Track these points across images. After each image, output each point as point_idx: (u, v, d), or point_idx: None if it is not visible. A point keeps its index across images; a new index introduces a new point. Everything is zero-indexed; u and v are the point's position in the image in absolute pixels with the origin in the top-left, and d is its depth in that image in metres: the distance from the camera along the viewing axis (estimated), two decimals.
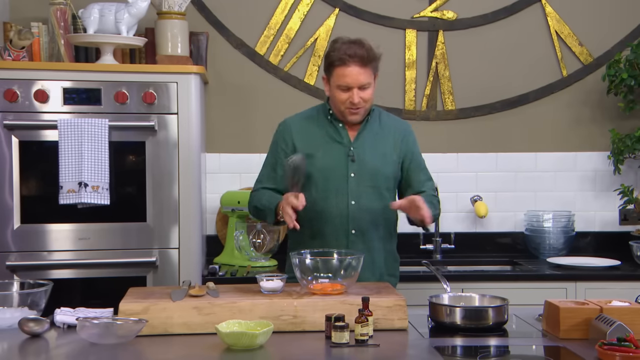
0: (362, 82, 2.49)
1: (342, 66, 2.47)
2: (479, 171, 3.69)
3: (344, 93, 2.50)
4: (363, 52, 2.47)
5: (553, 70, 3.70)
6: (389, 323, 2.15)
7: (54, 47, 3.18)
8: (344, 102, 2.52)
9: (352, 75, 2.47)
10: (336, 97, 2.53)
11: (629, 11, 3.69)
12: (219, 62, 3.60)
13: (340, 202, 2.55)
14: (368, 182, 2.57)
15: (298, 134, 2.61)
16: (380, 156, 2.60)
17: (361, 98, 2.50)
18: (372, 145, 2.60)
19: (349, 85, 2.48)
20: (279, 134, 2.66)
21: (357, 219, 2.55)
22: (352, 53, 2.46)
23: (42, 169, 2.99)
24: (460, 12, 3.67)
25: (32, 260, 2.98)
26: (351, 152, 2.57)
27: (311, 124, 2.63)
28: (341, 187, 2.55)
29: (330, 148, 2.58)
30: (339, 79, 2.49)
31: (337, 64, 2.48)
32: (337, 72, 2.49)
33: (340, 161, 2.57)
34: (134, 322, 2.03)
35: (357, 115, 2.56)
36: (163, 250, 3.04)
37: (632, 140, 3.47)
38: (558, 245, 3.52)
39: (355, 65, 2.46)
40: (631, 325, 1.96)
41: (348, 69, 2.47)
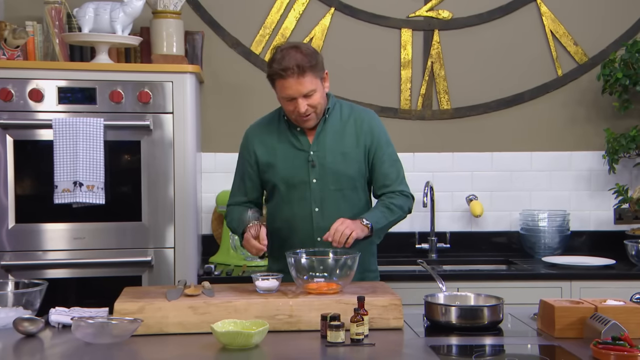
0: (303, 92, 2.41)
1: (280, 79, 2.41)
2: (475, 170, 3.70)
3: (290, 104, 2.44)
4: (298, 61, 2.38)
5: (548, 69, 3.71)
6: (384, 322, 2.15)
7: (48, 46, 3.18)
8: (292, 112, 2.46)
9: (291, 87, 2.40)
10: (285, 108, 2.49)
11: (623, 11, 3.70)
12: (215, 62, 3.59)
13: (304, 209, 2.51)
14: (331, 185, 2.50)
15: (259, 143, 2.58)
16: (341, 156, 2.51)
17: (308, 105, 2.43)
18: (332, 146, 2.52)
19: (291, 96, 2.42)
20: (243, 145, 2.64)
21: (322, 226, 2.47)
22: (285, 66, 2.38)
23: (37, 169, 2.99)
24: (455, 12, 3.68)
25: (27, 259, 2.97)
26: (311, 157, 2.51)
27: (270, 131, 2.58)
28: (304, 195, 2.51)
29: (290, 155, 2.53)
30: (280, 91, 2.44)
31: (275, 78, 2.43)
32: (277, 85, 2.44)
33: (300, 168, 2.51)
34: (129, 322, 2.03)
35: (309, 122, 2.48)
36: (158, 250, 3.04)
37: (626, 140, 3.48)
38: (553, 244, 3.52)
39: (293, 76, 2.38)
40: (626, 324, 1.96)
41: (286, 82, 2.40)
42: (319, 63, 2.46)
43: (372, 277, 2.64)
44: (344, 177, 2.52)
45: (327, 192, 2.51)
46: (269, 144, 2.57)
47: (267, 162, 2.55)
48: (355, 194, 2.55)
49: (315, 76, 2.44)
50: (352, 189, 2.55)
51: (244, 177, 2.63)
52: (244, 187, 2.63)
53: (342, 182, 2.52)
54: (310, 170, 2.51)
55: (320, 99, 2.47)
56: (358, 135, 2.55)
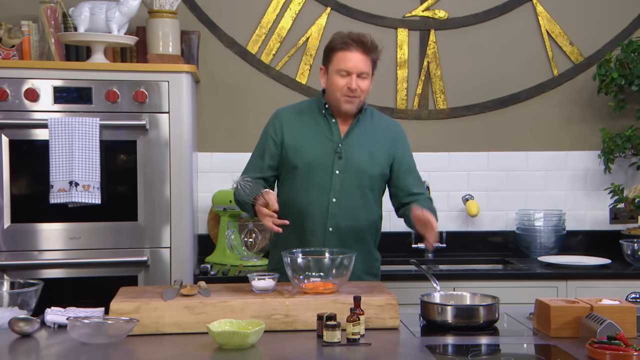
0: (362, 70, 2.49)
1: (345, 50, 2.48)
2: (471, 170, 3.70)
3: (343, 79, 2.49)
4: (366, 40, 2.49)
5: (544, 69, 3.71)
6: (380, 322, 2.15)
7: (44, 45, 3.17)
8: (342, 88, 2.50)
9: (353, 60, 2.47)
10: (334, 83, 2.51)
11: (619, 11, 3.71)
12: (211, 61, 3.59)
13: (322, 198, 2.54)
14: (353, 180, 2.55)
15: (288, 125, 2.61)
16: (368, 155, 2.58)
17: (359, 86, 2.49)
18: (362, 144, 2.58)
19: (349, 70, 2.48)
20: (270, 123, 2.66)
21: (336, 216, 2.54)
22: (355, 39, 2.48)
23: (33, 168, 2.98)
24: (451, 12, 3.68)
25: (23, 259, 2.97)
26: (339, 149, 2.56)
27: (303, 116, 2.62)
28: (324, 183, 2.54)
29: (319, 142, 2.57)
30: (339, 62, 2.49)
31: (339, 47, 2.49)
32: (338, 56, 2.49)
33: (326, 156, 2.56)
34: (125, 322, 2.02)
35: (351, 105, 2.53)
36: (154, 250, 3.03)
37: (622, 140, 3.49)
38: (549, 244, 3.53)
39: (358, 51, 2.48)
40: (621, 323, 1.97)
41: (350, 54, 2.47)
42: (378, 57, 2.56)
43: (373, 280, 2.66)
44: (366, 175, 2.57)
45: (348, 186, 2.55)
46: (299, 128, 2.60)
47: (294, 144, 2.57)
48: (371, 194, 2.60)
49: (371, 65, 2.54)
50: (371, 188, 2.59)
51: (263, 154, 2.61)
52: (261, 163, 2.61)
53: (363, 179, 2.56)
54: (336, 161, 2.55)
55: (368, 88, 2.55)
56: (386, 141, 2.62)
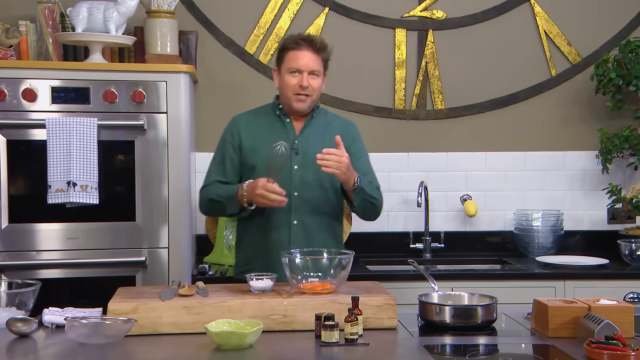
0: (313, 68, 2.57)
1: (295, 49, 2.57)
2: (469, 170, 3.70)
3: (294, 77, 2.57)
4: (316, 40, 2.60)
5: (542, 69, 3.72)
6: (378, 322, 2.15)
7: (42, 45, 3.17)
8: (294, 86, 2.58)
9: (303, 59, 2.56)
10: (286, 82, 2.59)
11: (617, 11, 3.71)
12: (209, 61, 3.59)
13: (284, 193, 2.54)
14: (311, 174, 2.59)
15: (245, 128, 2.67)
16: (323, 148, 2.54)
17: (310, 85, 2.57)
18: (317, 140, 2.63)
19: (300, 68, 2.56)
20: (227, 129, 2.73)
21: (300, 210, 2.59)
22: (305, 39, 2.59)
23: (30, 168, 2.98)
24: (449, 12, 3.68)
25: (20, 260, 2.96)
26: (295, 145, 2.61)
27: (259, 118, 2.70)
28: (285, 179, 2.56)
29: (275, 141, 2.55)
30: (290, 62, 2.57)
31: (290, 47, 2.58)
32: (289, 55, 2.58)
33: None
34: (122, 322, 2.02)
35: (303, 103, 2.60)
36: (152, 250, 3.03)
37: (620, 140, 3.49)
38: (547, 244, 3.53)
39: (307, 49, 2.57)
40: (619, 323, 1.97)
41: (300, 53, 2.57)
42: (328, 56, 2.65)
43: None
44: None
45: (307, 180, 2.60)
46: (256, 128, 2.67)
47: (251, 145, 2.64)
48: (331, 186, 2.64)
49: (323, 64, 2.63)
50: (329, 181, 2.63)
51: (224, 160, 2.68)
52: (223, 168, 2.67)
53: (321, 173, 2.55)
54: (294, 157, 2.60)
55: (320, 87, 2.64)
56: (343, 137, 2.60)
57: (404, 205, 3.66)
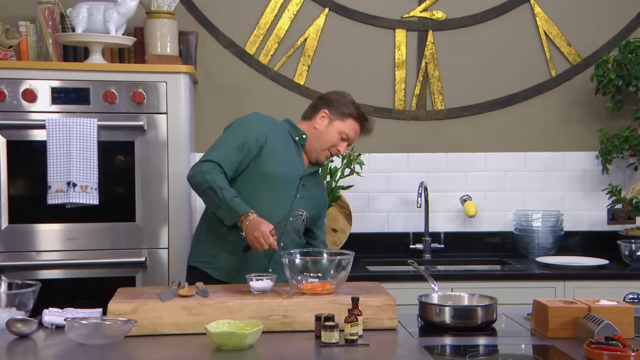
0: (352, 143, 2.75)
1: (358, 123, 2.68)
2: (469, 171, 3.70)
3: (341, 142, 2.67)
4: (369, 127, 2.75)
5: (542, 70, 3.72)
6: (378, 322, 2.15)
7: (42, 46, 3.17)
8: (332, 147, 2.67)
9: (356, 136, 2.70)
10: (329, 139, 2.66)
11: (617, 12, 3.71)
12: (209, 62, 3.59)
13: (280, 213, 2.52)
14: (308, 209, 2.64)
15: (273, 132, 2.61)
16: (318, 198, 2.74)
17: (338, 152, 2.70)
18: (315, 186, 2.73)
19: (350, 140, 2.69)
20: (256, 121, 2.61)
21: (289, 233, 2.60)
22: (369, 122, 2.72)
23: (30, 169, 2.98)
24: (449, 12, 3.68)
25: (20, 260, 2.96)
26: (303, 178, 2.66)
27: (280, 133, 2.65)
28: (287, 200, 2.59)
29: (292, 163, 2.64)
30: (348, 130, 2.66)
31: (354, 118, 2.67)
32: (350, 123, 2.67)
33: (294, 179, 2.63)
34: (122, 323, 2.02)
35: (325, 160, 2.73)
36: (152, 250, 3.03)
37: (620, 140, 3.49)
38: (547, 244, 3.53)
39: (363, 131, 2.72)
40: (619, 324, 1.97)
41: (358, 130, 2.69)
42: None
43: None
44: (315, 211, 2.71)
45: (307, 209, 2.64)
46: (278, 140, 2.63)
47: (273, 154, 2.58)
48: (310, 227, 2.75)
49: None
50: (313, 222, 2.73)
51: (242, 148, 2.52)
52: (235, 156, 2.51)
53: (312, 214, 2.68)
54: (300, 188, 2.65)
55: None
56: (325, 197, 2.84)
57: (403, 205, 3.66)
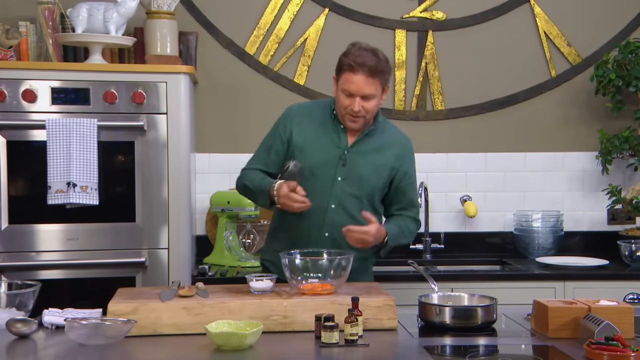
0: (366, 93, 2.46)
1: (350, 72, 2.45)
2: (469, 171, 3.70)
3: (347, 99, 2.48)
4: (373, 62, 2.45)
5: (542, 70, 3.72)
6: (378, 323, 2.15)
7: (42, 46, 3.17)
8: (346, 107, 2.49)
9: (357, 84, 2.44)
10: (339, 101, 2.51)
11: (617, 12, 3.72)
12: (209, 62, 3.59)
13: (321, 202, 2.52)
14: (354, 188, 2.54)
15: (299, 124, 2.59)
16: (373, 166, 2.56)
17: (363, 107, 2.47)
18: (367, 154, 2.56)
19: (353, 92, 2.46)
20: (282, 119, 2.64)
21: (333, 223, 2.53)
22: (361, 61, 2.44)
23: (30, 169, 2.98)
24: (449, 13, 3.68)
25: (20, 260, 2.96)
26: (344, 156, 2.55)
27: (314, 117, 2.60)
28: (325, 188, 2.53)
29: (325, 146, 2.56)
30: (344, 83, 2.47)
31: (345, 69, 2.47)
32: (344, 76, 2.48)
33: (331, 162, 2.55)
34: (122, 323, 2.02)
35: (355, 124, 2.52)
36: (152, 251, 3.03)
37: (620, 141, 3.49)
38: (547, 244, 3.53)
39: (362, 74, 2.44)
40: (619, 324, 1.97)
41: (355, 77, 2.44)
42: (389, 74, 2.53)
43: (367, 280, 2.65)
44: (367, 186, 2.57)
45: (347, 194, 2.53)
46: (308, 129, 2.58)
47: (301, 145, 2.56)
48: (369, 204, 2.58)
49: (381, 84, 2.49)
50: (369, 199, 2.58)
51: (270, 150, 2.60)
52: (266, 158, 2.60)
53: (364, 189, 2.55)
54: (339, 168, 2.53)
55: (375, 107, 2.52)
56: (393, 155, 2.60)
57: None
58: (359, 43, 2.54)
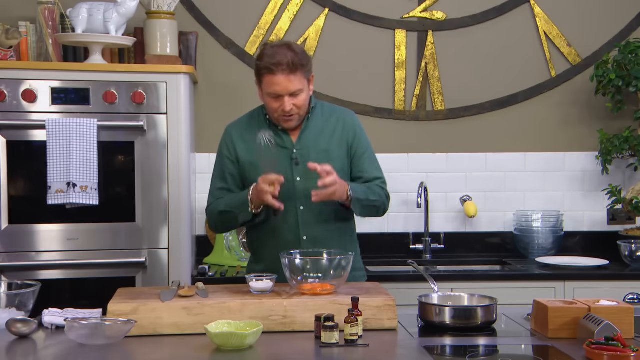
0: (292, 90, 2.40)
1: (270, 75, 2.38)
2: (469, 171, 3.70)
3: (275, 101, 2.42)
4: (290, 58, 2.38)
5: (542, 70, 3.72)
6: (378, 323, 2.15)
7: (42, 46, 3.17)
8: (276, 110, 2.43)
9: (280, 84, 2.38)
10: (268, 105, 2.46)
11: (617, 12, 3.72)
12: (209, 62, 3.59)
13: (289, 208, 2.47)
14: (316, 184, 2.41)
15: (239, 140, 2.54)
16: (324, 153, 2.49)
17: (294, 105, 2.42)
18: (315, 144, 2.51)
19: (279, 93, 2.40)
20: (222, 142, 2.59)
21: (308, 224, 2.48)
22: (277, 61, 2.37)
23: (30, 169, 2.98)
24: (449, 13, 3.68)
25: (20, 260, 2.97)
26: (294, 155, 2.49)
27: (252, 129, 2.54)
28: (288, 194, 2.46)
29: (272, 153, 2.48)
30: (268, 87, 2.41)
31: (264, 73, 2.40)
32: (265, 80, 2.41)
33: (284, 166, 2.47)
34: (122, 323, 2.02)
35: (291, 122, 2.47)
36: (152, 251, 3.03)
37: (620, 141, 3.49)
38: (547, 245, 3.53)
39: (282, 73, 2.37)
40: (619, 324, 1.97)
41: (276, 78, 2.38)
42: (309, 64, 2.46)
43: (358, 275, 2.61)
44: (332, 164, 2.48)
45: (311, 190, 2.42)
46: (249, 142, 2.53)
47: (249, 160, 2.52)
48: None
49: (304, 76, 2.43)
50: None
51: (224, 175, 2.55)
52: (225, 184, 2.54)
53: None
54: (294, 169, 2.49)
55: (305, 101, 2.47)
56: (341, 133, 2.55)
57: (403, 206, 3.66)
58: (270, 42, 2.49)
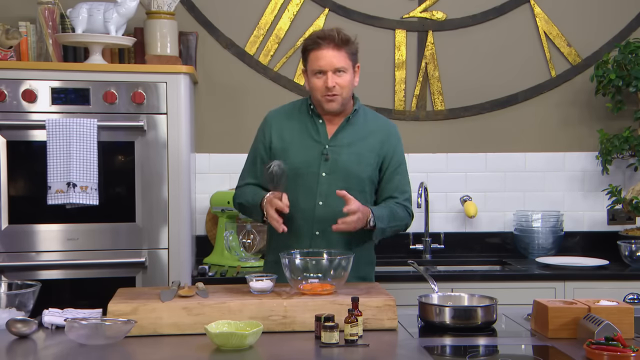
0: (336, 66, 2.45)
1: (315, 50, 2.46)
2: (469, 171, 3.70)
3: (319, 79, 2.47)
4: (335, 35, 2.45)
5: (542, 70, 3.72)
6: (378, 323, 2.15)
7: (42, 46, 3.17)
8: (320, 88, 2.47)
9: (325, 58, 2.44)
10: (313, 86, 2.49)
11: (617, 12, 3.72)
12: (209, 62, 3.59)
13: (308, 201, 2.50)
14: (340, 182, 2.47)
15: (276, 127, 2.59)
16: (356, 156, 2.52)
17: (337, 83, 2.45)
18: (350, 145, 2.53)
19: (323, 68, 2.45)
20: (260, 128, 2.65)
21: (322, 220, 2.49)
22: (323, 36, 2.46)
23: (30, 169, 2.98)
24: (449, 13, 3.68)
25: (20, 260, 2.97)
26: (325, 150, 2.51)
27: (291, 118, 2.60)
28: (311, 186, 2.49)
29: (305, 145, 2.53)
30: (313, 63, 2.47)
31: (310, 48, 2.47)
32: (311, 57, 2.47)
33: (313, 159, 2.51)
34: (122, 323, 2.02)
35: (333, 103, 2.48)
36: (152, 251, 3.03)
37: (620, 141, 3.49)
38: (547, 245, 3.53)
39: (328, 47, 2.44)
40: (619, 324, 1.97)
41: (321, 52, 2.45)
42: (355, 49, 2.52)
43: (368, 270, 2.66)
44: (354, 177, 2.52)
45: (334, 188, 2.45)
46: (286, 130, 2.57)
47: (281, 147, 2.55)
48: (361, 197, 2.50)
49: (349, 58, 2.49)
50: (360, 191, 2.52)
51: (256, 160, 2.61)
52: (254, 169, 2.61)
53: (351, 181, 2.50)
54: (322, 164, 2.51)
55: (349, 83, 2.49)
56: (380, 143, 2.56)
57: None
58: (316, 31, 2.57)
